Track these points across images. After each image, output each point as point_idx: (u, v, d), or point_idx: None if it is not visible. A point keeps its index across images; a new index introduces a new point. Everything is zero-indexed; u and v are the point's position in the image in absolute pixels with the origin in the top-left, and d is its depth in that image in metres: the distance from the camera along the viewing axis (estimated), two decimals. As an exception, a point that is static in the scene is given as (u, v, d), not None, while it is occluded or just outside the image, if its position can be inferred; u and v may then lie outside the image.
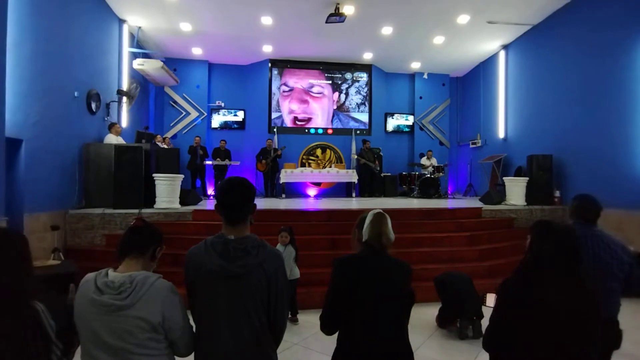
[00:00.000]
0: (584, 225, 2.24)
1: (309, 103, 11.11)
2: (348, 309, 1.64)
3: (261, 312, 1.49)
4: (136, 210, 5.81)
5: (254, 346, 1.47)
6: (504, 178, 7.83)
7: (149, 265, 1.54)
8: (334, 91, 11.23)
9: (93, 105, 6.68)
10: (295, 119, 11.03)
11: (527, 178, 7.37)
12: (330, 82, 11.20)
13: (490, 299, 2.55)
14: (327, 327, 1.71)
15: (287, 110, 11.00)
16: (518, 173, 8.24)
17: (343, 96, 11.29)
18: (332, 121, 11.20)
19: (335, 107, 11.25)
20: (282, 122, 10.96)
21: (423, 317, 4.29)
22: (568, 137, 7.22)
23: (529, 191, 7.27)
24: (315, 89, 11.13)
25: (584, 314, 1.42)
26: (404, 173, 10.38)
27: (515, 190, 7.35)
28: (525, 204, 7.18)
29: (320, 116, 11.16)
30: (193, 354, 1.54)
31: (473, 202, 7.95)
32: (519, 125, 9.01)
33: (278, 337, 1.60)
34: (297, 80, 11.03)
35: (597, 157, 6.47)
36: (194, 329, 1.53)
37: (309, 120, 11.09)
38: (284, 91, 10.96)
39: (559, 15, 7.52)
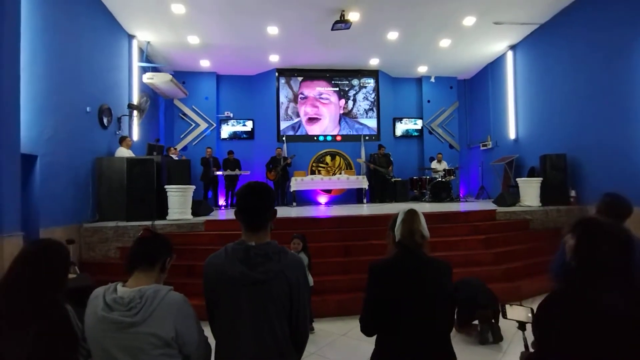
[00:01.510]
0: None
1: (318, 108, 11.17)
2: (387, 313, 1.58)
3: (283, 318, 1.45)
4: (149, 222, 5.85)
5: (276, 354, 1.43)
6: (517, 179, 7.71)
7: (160, 277, 1.50)
8: (340, 98, 11.25)
9: (105, 120, 6.79)
10: (309, 120, 11.13)
11: (541, 178, 7.23)
12: (337, 89, 11.23)
13: (513, 313, 2.21)
14: (366, 331, 1.67)
15: (305, 116, 11.12)
16: (531, 174, 8.10)
17: (351, 102, 11.31)
18: (340, 128, 11.21)
19: (342, 114, 11.27)
20: (300, 125, 11.05)
21: (440, 323, 4.20)
22: (581, 135, 7.09)
23: (544, 192, 7.13)
24: (323, 96, 11.18)
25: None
26: (414, 177, 10.30)
27: (529, 191, 7.21)
28: (540, 204, 7.04)
29: (328, 123, 11.19)
30: None
31: (486, 205, 7.83)
32: (530, 125, 8.89)
33: (301, 345, 1.55)
34: (308, 89, 11.11)
35: (613, 154, 6.33)
36: (214, 338, 1.50)
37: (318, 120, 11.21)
38: (301, 98, 11.09)
39: (566, 13, 7.44)
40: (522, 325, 2.14)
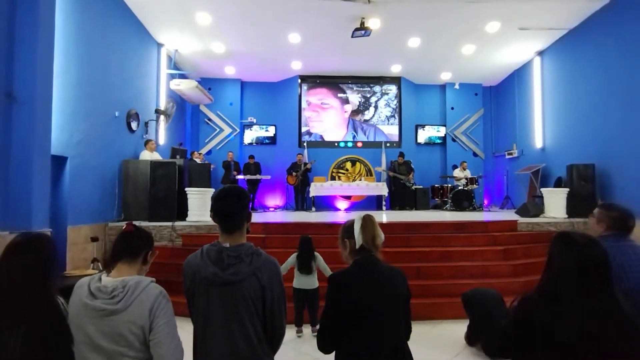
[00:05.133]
0: (623, 237, 2.13)
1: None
2: (349, 324, 1.57)
3: (256, 319, 1.49)
4: (169, 223, 6.07)
5: (248, 353, 1.47)
6: (542, 189, 7.44)
7: (142, 269, 1.58)
8: (362, 104, 11.27)
9: (133, 124, 7.11)
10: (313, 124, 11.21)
11: (567, 189, 6.95)
12: (359, 95, 11.26)
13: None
14: (325, 346, 1.62)
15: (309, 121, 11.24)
16: (558, 184, 7.80)
17: (372, 109, 11.30)
18: (361, 134, 11.22)
19: (363, 120, 11.27)
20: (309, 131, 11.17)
21: (451, 334, 4.11)
22: (611, 145, 6.77)
23: (570, 203, 6.83)
24: (345, 103, 11.25)
25: (617, 344, 1.21)
26: (436, 185, 10.13)
27: (555, 202, 6.94)
28: (566, 216, 6.76)
29: (349, 129, 11.22)
30: None
31: (509, 215, 7.60)
32: (558, 134, 8.57)
33: (276, 344, 1.59)
34: (327, 95, 11.22)
35: (645, 166, 6.01)
36: (193, 335, 1.55)
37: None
38: (308, 104, 11.23)
39: (596, 18, 7.16)
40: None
